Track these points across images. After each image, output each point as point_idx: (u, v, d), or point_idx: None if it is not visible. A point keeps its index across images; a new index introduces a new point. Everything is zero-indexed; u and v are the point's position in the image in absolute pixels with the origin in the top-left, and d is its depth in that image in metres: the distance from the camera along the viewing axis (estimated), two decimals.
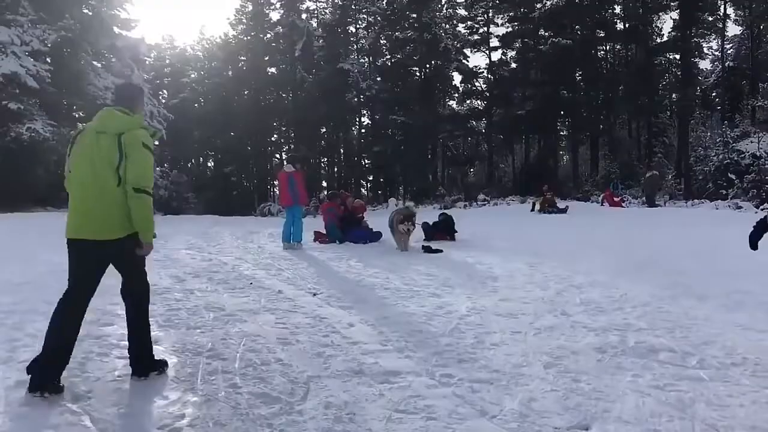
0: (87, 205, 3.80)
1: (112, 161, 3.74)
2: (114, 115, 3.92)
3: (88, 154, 3.80)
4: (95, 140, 3.81)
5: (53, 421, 3.29)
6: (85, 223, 3.80)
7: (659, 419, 3.55)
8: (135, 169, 3.76)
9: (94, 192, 3.78)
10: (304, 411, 3.55)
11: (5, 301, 5.84)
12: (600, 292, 7.08)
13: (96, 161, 3.77)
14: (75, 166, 3.85)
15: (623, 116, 44.72)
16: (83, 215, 3.80)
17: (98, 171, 3.76)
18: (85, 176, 3.80)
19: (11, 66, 23.17)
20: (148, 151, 3.85)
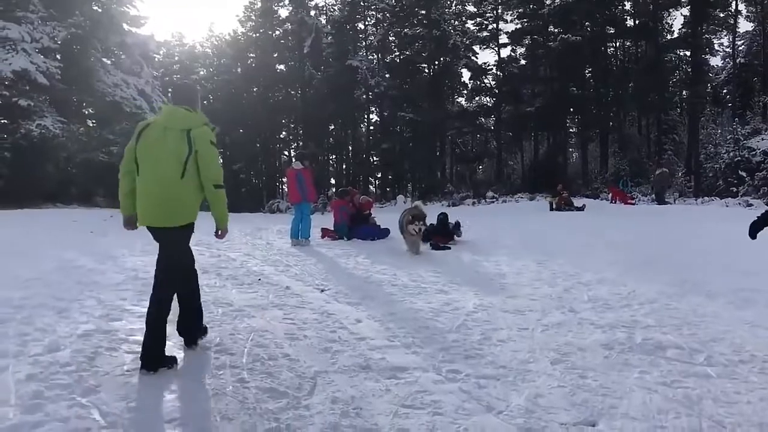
0: (154, 196, 4.12)
1: (180, 155, 4.07)
2: (179, 112, 4.23)
3: (156, 148, 4.13)
4: (162, 135, 4.14)
5: (63, 414, 3.32)
6: (149, 212, 4.15)
7: (666, 416, 3.55)
8: (210, 167, 4.17)
9: (159, 183, 4.10)
10: (311, 406, 3.57)
11: (15, 296, 5.88)
12: (608, 289, 7.07)
13: (163, 155, 4.10)
14: (143, 161, 4.15)
15: (633, 113, 44.56)
16: (148, 205, 4.15)
17: (165, 164, 4.08)
18: (153, 169, 4.12)
19: (21, 63, 23.27)
20: (215, 147, 4.26)
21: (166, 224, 4.17)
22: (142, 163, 4.16)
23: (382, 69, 46.13)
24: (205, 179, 4.16)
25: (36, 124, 23.63)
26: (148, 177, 4.14)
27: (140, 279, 7.05)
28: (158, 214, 4.14)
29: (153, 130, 4.18)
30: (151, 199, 4.14)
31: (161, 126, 4.18)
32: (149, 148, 4.14)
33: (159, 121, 4.24)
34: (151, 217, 4.16)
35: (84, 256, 8.60)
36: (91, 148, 25.39)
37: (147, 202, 4.15)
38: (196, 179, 4.15)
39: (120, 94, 28.14)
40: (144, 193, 4.16)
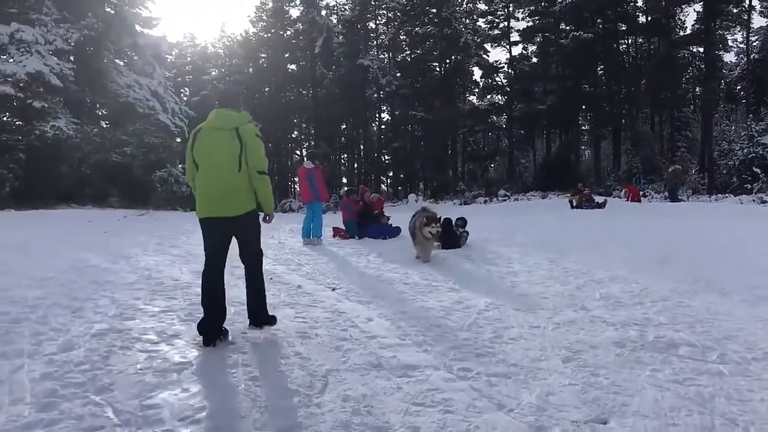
0: (218, 189, 4.64)
1: (234, 151, 4.62)
2: (226, 114, 4.76)
3: (211, 148, 4.68)
4: (213, 136, 4.69)
5: (77, 411, 3.36)
6: (217, 204, 4.65)
7: (678, 413, 3.53)
8: (255, 157, 4.69)
9: (222, 178, 4.63)
10: (323, 404, 3.59)
11: (30, 295, 5.94)
12: (620, 287, 7.04)
13: (218, 153, 4.65)
14: (202, 160, 4.70)
15: (645, 110, 44.31)
16: (215, 198, 4.65)
17: (222, 161, 4.63)
18: (213, 166, 4.66)
19: (36, 65, 23.45)
20: (260, 140, 4.81)
21: (232, 213, 4.66)
22: (201, 162, 4.70)
23: (393, 68, 46.16)
24: (251, 167, 4.67)
25: (50, 126, 23.83)
26: (207, 174, 4.67)
27: (153, 279, 7.11)
28: (224, 206, 4.65)
29: (205, 133, 4.73)
30: (214, 193, 4.65)
31: (212, 128, 4.72)
32: (205, 149, 4.69)
33: (209, 125, 4.76)
34: (217, 209, 4.66)
35: (98, 256, 8.68)
36: (105, 148, 25.59)
37: (210, 196, 4.66)
38: (246, 170, 4.67)
39: (133, 95, 28.29)
40: (205, 189, 4.68)
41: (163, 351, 4.44)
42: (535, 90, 44.89)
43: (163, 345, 4.58)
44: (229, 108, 4.82)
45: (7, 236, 10.88)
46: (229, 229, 4.76)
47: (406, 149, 44.31)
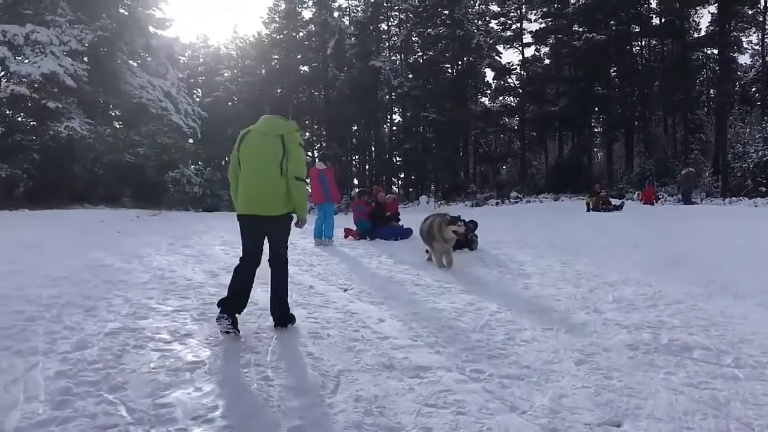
0: (257, 189, 4.97)
1: (276, 156, 4.94)
2: (275, 121, 5.12)
3: (258, 151, 5.01)
4: (260, 140, 5.03)
5: (91, 410, 3.37)
6: (255, 203, 4.97)
7: (693, 417, 3.50)
8: (296, 164, 5.00)
9: (263, 180, 4.96)
10: (335, 404, 3.59)
11: (44, 294, 5.98)
12: (633, 290, 7.00)
13: (262, 156, 4.98)
14: (246, 161, 5.03)
15: (659, 112, 44.06)
16: (254, 197, 4.98)
17: (266, 164, 4.96)
18: (255, 168, 4.99)
19: (50, 65, 23.64)
20: (302, 149, 5.14)
21: (269, 213, 4.97)
22: (245, 163, 5.03)
23: (405, 69, 46.14)
24: (290, 173, 4.97)
25: (64, 126, 24.01)
26: (250, 175, 5.00)
27: (166, 278, 7.13)
28: (262, 205, 4.97)
29: (253, 136, 5.08)
30: (254, 193, 4.98)
31: (259, 132, 5.07)
32: (251, 151, 5.03)
33: (257, 129, 5.11)
34: (256, 207, 4.98)
35: (111, 256, 8.73)
36: (118, 149, 25.76)
37: (251, 195, 4.99)
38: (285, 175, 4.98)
39: (146, 95, 28.46)
40: (247, 188, 5.01)
41: (176, 350, 4.45)
42: (547, 92, 44.77)
43: (176, 344, 4.59)
44: (278, 115, 5.20)
45: (21, 235, 10.97)
46: (263, 229, 5.08)
47: (417, 151, 44.27)
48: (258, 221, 5.01)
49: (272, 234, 5.13)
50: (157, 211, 20.73)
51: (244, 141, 5.09)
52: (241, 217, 5.08)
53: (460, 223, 8.64)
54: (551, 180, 40.33)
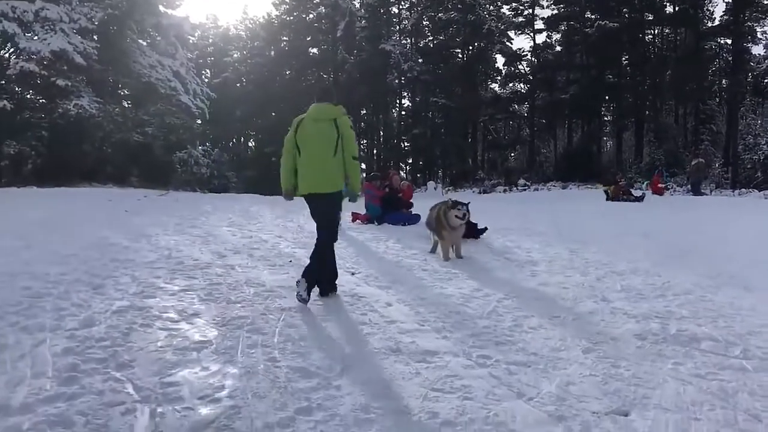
0: (315, 171, 5.55)
1: (331, 140, 5.50)
2: (325, 107, 5.65)
3: (314, 137, 5.55)
4: (315, 126, 5.57)
5: (98, 387, 3.38)
6: (315, 183, 5.56)
7: (700, 407, 3.49)
8: (350, 145, 5.59)
9: (320, 162, 5.52)
10: (342, 386, 3.59)
11: (53, 271, 5.99)
12: (642, 280, 6.97)
13: (318, 140, 5.52)
14: (303, 146, 5.58)
15: (670, 102, 43.70)
16: (313, 178, 5.57)
17: (322, 147, 5.51)
18: (313, 151, 5.54)
19: (60, 43, 23.53)
20: (353, 130, 5.71)
21: (326, 190, 5.56)
22: (303, 147, 5.58)
23: (415, 53, 45.87)
24: (347, 153, 5.56)
25: (73, 104, 23.94)
26: (308, 157, 5.56)
27: (173, 258, 7.14)
28: (320, 183, 5.55)
29: (307, 122, 5.62)
30: (313, 174, 5.55)
31: (313, 119, 5.60)
32: (307, 136, 5.57)
33: (310, 116, 5.64)
34: (314, 186, 5.57)
35: (118, 235, 8.73)
36: (127, 128, 25.72)
37: (310, 175, 5.56)
38: (341, 156, 5.54)
39: (155, 75, 28.35)
40: (306, 169, 5.58)
41: (183, 329, 4.46)
42: (558, 79, 44.42)
43: (183, 323, 4.60)
44: (325, 102, 5.70)
45: (29, 213, 10.98)
46: (323, 205, 5.66)
47: (426, 136, 44.09)
48: (318, 198, 5.62)
49: (327, 208, 5.70)
50: (164, 192, 20.74)
51: (300, 128, 5.63)
52: (306, 197, 5.70)
53: (460, 207, 8.16)
54: (560, 168, 40.12)
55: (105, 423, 2.98)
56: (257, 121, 51.20)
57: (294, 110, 34.45)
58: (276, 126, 49.01)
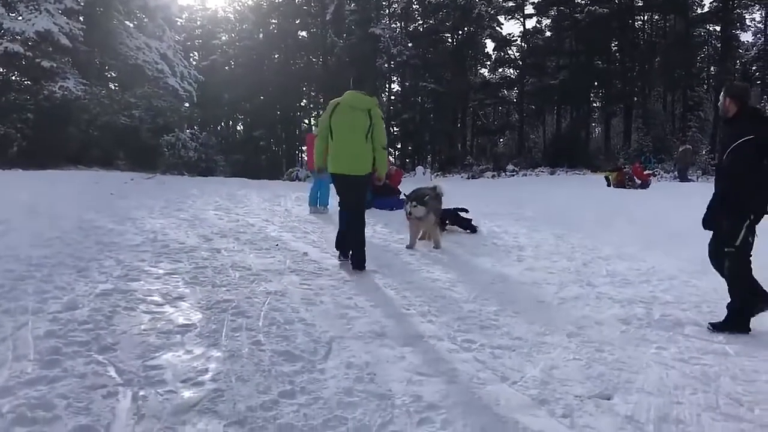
0: (347, 154, 6.16)
1: (364, 127, 6.12)
2: (362, 97, 6.23)
3: (349, 122, 6.13)
4: (350, 113, 6.13)
5: (80, 370, 3.35)
6: (347, 165, 6.17)
7: (683, 392, 3.52)
8: (381, 135, 6.23)
9: (353, 146, 6.14)
10: (326, 370, 3.58)
11: (35, 254, 5.92)
12: (627, 265, 7.02)
13: (352, 126, 6.13)
14: (337, 130, 6.16)
15: (659, 88, 43.80)
16: (345, 160, 6.17)
17: (355, 133, 6.12)
18: (347, 136, 6.13)
19: (44, 23, 23.22)
20: (383, 121, 6.33)
21: (357, 173, 6.19)
22: (337, 131, 6.16)
23: (405, 38, 45.59)
24: (377, 143, 6.20)
25: (59, 86, 23.68)
26: (342, 142, 6.15)
27: (159, 241, 7.09)
28: (352, 166, 6.16)
29: (343, 108, 6.16)
30: (345, 156, 6.16)
31: (349, 106, 6.15)
32: (342, 122, 6.14)
33: (346, 102, 6.17)
34: (346, 167, 6.17)
35: (104, 217, 8.65)
36: (113, 110, 25.41)
37: (342, 157, 6.17)
38: (371, 143, 6.15)
39: (142, 57, 28.08)
40: (339, 152, 6.18)
41: (167, 313, 4.42)
42: (547, 65, 44.36)
43: (167, 307, 4.56)
44: (360, 90, 6.31)
45: (14, 195, 10.86)
46: (350, 184, 6.23)
47: (415, 121, 43.94)
48: (347, 178, 6.19)
49: (355, 188, 6.28)
50: (151, 175, 20.57)
51: (335, 112, 6.17)
52: (335, 176, 6.29)
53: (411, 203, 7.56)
54: (548, 154, 40.19)
55: (86, 406, 2.95)
56: (245, 104, 50.86)
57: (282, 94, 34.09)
58: (264, 110, 48.82)
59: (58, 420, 2.82)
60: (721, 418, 3.22)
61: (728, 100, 4.75)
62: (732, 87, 4.86)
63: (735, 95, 4.76)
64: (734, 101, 4.73)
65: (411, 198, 7.70)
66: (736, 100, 4.73)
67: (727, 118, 4.80)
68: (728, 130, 4.79)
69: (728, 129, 4.80)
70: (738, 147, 4.54)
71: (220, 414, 2.97)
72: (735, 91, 4.78)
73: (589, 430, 3.05)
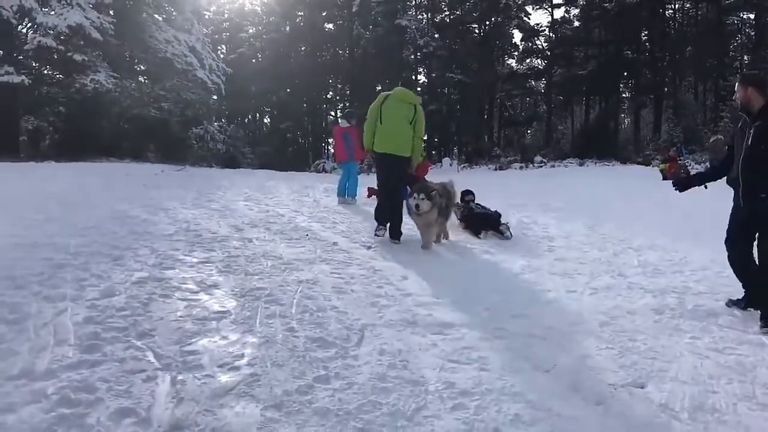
0: (393, 137, 7.24)
1: (408, 117, 7.26)
2: (409, 93, 7.55)
3: (396, 112, 7.27)
4: (398, 104, 7.31)
5: (119, 354, 3.43)
6: (393, 145, 7.26)
7: (718, 381, 3.51)
8: (421, 128, 7.38)
9: (399, 132, 7.25)
10: (359, 356, 3.62)
11: (72, 243, 6.03)
12: (659, 255, 6.96)
13: (399, 116, 7.26)
14: (386, 117, 7.29)
15: (689, 78, 43.05)
16: (390, 142, 7.26)
17: (400, 121, 7.25)
18: (395, 123, 7.25)
19: (76, 18, 23.53)
20: (424, 116, 7.44)
21: (400, 153, 7.25)
22: (386, 117, 7.27)
23: (432, 29, 45.34)
24: (417, 134, 7.35)
25: (90, 79, 24.00)
26: (389, 127, 7.26)
27: (191, 231, 7.17)
28: (396, 147, 7.24)
29: (393, 100, 7.34)
30: (391, 138, 7.25)
31: (398, 99, 7.35)
32: (391, 110, 7.28)
33: (396, 95, 7.39)
34: (392, 148, 7.25)
35: (137, 208, 8.77)
36: (143, 103, 25.73)
37: (389, 140, 7.26)
38: (412, 131, 7.28)
39: (171, 50, 28.32)
40: (386, 135, 7.27)
41: (202, 300, 4.50)
42: (575, 55, 43.80)
43: (202, 294, 4.63)
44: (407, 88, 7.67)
45: (48, 186, 11.07)
46: (393, 165, 7.27)
47: (441, 112, 43.68)
48: (390, 158, 7.25)
49: (396, 167, 7.29)
50: (181, 167, 20.80)
51: (386, 102, 7.32)
52: (379, 155, 7.35)
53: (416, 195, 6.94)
54: (576, 145, 39.67)
55: (127, 389, 3.03)
56: (272, 97, 51.05)
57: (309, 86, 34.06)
58: (291, 102, 48.98)
59: (101, 402, 2.90)
60: (758, 408, 3.20)
61: (750, 89, 4.61)
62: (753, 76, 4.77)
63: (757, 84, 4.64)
64: (757, 90, 4.60)
65: (417, 191, 6.98)
66: (759, 89, 4.60)
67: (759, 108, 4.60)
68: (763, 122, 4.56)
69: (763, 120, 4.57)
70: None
71: (257, 398, 3.03)
72: (757, 79, 4.69)
73: (623, 417, 3.05)
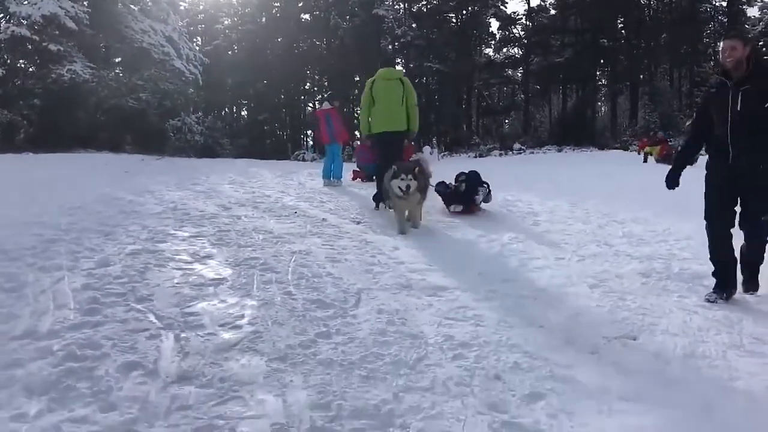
0: (387, 115, 7.62)
1: (399, 93, 7.63)
2: (393, 70, 8.04)
3: (386, 91, 7.64)
4: (386, 84, 7.67)
5: (121, 316, 3.47)
6: (388, 123, 7.64)
7: (707, 332, 3.62)
8: (412, 96, 7.73)
9: (392, 109, 7.62)
10: (358, 315, 3.69)
11: (62, 221, 6.00)
12: (643, 227, 7.07)
13: (389, 94, 7.64)
14: (378, 99, 7.67)
15: (665, 65, 43.57)
16: (387, 120, 7.64)
17: (392, 99, 7.63)
18: (387, 102, 7.64)
19: (50, 7, 23.17)
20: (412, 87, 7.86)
21: (396, 129, 7.64)
22: (377, 100, 7.66)
23: (409, 18, 45.39)
24: (410, 102, 7.70)
25: (66, 69, 23.66)
26: (383, 106, 7.64)
27: (179, 209, 7.15)
28: (391, 124, 7.63)
29: (380, 81, 7.70)
30: (386, 117, 7.63)
31: (385, 79, 7.70)
32: (380, 91, 7.66)
33: (381, 76, 7.73)
34: (387, 126, 7.63)
35: (122, 191, 8.72)
36: (120, 93, 25.40)
37: (384, 118, 7.64)
38: (405, 106, 7.64)
39: (147, 40, 28.01)
40: (381, 115, 7.66)
41: (197, 269, 4.53)
42: (552, 43, 44.12)
43: (197, 264, 4.67)
44: (389, 66, 8.18)
45: (31, 174, 10.97)
46: (389, 141, 7.68)
47: (420, 101, 43.68)
48: (389, 135, 7.63)
49: (392, 144, 7.66)
50: (159, 157, 20.64)
51: (375, 85, 7.72)
52: (378, 135, 7.74)
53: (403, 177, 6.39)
54: (554, 133, 40.06)
55: (132, 346, 3.07)
56: (249, 89, 50.71)
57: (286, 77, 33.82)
58: (268, 94, 48.69)
59: (107, 357, 2.94)
60: (746, 355, 3.32)
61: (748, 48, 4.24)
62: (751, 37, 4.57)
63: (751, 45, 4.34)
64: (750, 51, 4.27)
65: (404, 171, 6.44)
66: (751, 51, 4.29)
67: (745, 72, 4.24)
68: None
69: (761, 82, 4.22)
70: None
71: (261, 352, 3.08)
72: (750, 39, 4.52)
73: (618, 365, 3.15)
